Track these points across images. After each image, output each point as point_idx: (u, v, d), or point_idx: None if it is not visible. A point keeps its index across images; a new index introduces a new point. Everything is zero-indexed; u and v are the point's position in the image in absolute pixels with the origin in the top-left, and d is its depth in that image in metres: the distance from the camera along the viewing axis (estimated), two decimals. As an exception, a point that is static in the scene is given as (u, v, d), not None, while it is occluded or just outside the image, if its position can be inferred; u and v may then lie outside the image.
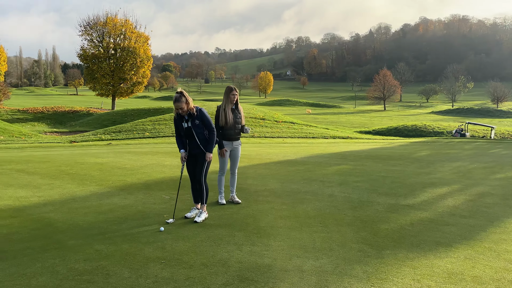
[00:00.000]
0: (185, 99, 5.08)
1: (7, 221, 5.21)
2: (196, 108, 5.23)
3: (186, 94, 5.12)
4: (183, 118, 5.24)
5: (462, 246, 4.65)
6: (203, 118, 5.25)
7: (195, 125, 5.23)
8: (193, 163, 5.45)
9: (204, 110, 5.34)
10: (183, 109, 5.10)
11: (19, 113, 34.09)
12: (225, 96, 6.14)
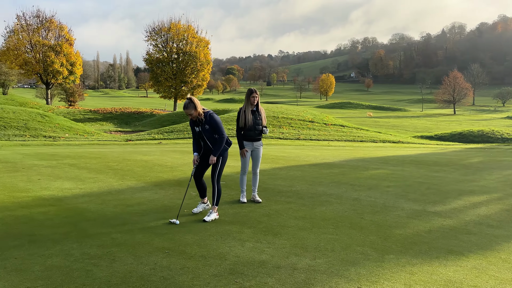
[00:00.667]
0: (193, 105, 5.31)
1: (46, 208, 5.83)
2: (206, 113, 5.45)
3: (195, 101, 5.35)
4: (196, 123, 5.50)
5: (475, 255, 4.45)
6: (212, 122, 5.43)
7: (205, 130, 5.46)
8: (202, 164, 5.68)
9: (214, 115, 5.51)
10: (192, 114, 5.36)
11: (90, 113, 36.85)
12: (246, 98, 6.35)
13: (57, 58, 45.68)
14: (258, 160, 6.56)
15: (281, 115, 21.07)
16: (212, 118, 5.42)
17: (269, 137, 17.45)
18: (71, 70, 47.67)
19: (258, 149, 6.50)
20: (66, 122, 19.37)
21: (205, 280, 3.61)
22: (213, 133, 5.47)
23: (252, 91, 6.32)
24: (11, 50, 45.22)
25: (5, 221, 5.17)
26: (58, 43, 46.62)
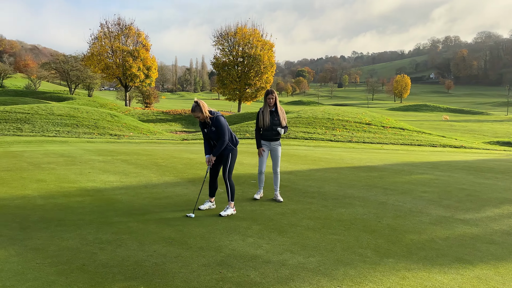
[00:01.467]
0: (199, 108, 5.54)
1: (83, 198, 6.46)
2: (213, 116, 5.66)
3: (201, 104, 5.57)
4: (204, 124, 5.75)
5: (485, 265, 4.18)
6: (217, 125, 5.62)
7: (211, 131, 5.69)
8: (215, 163, 5.91)
9: (220, 118, 5.69)
10: (200, 117, 5.60)
11: (162, 114, 39.03)
12: (264, 100, 6.50)
13: (135, 62, 49.02)
14: (277, 160, 6.67)
15: (336, 117, 20.73)
16: (217, 121, 5.63)
17: (319, 139, 17.29)
18: (147, 74, 50.85)
19: (276, 149, 6.62)
20: (133, 122, 20.88)
21: (192, 269, 3.83)
22: (216, 136, 5.68)
23: (268, 93, 6.46)
24: (94, 55, 49.41)
25: (45, 207, 5.84)
26: (136, 49, 50.02)
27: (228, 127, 5.86)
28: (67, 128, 17.35)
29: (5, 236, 4.51)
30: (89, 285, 3.40)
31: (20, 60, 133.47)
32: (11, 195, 6.45)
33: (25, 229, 4.80)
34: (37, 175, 8.09)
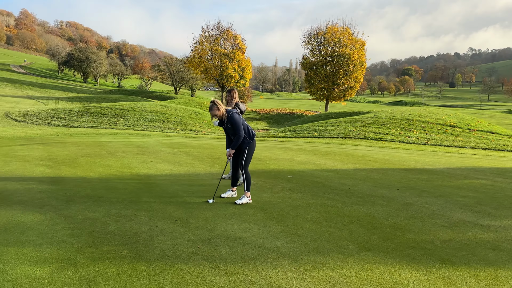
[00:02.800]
0: (216, 107, 6.05)
1: (131, 181, 7.44)
2: (228, 114, 6.14)
3: (217, 103, 6.07)
4: (222, 122, 6.27)
5: (466, 268, 4.06)
6: (231, 122, 6.08)
7: (228, 128, 6.18)
8: (235, 156, 6.39)
9: (235, 115, 6.11)
10: (217, 115, 6.12)
11: (252, 113, 40.61)
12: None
13: (231, 64, 51.63)
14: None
15: (417, 118, 19.56)
16: (232, 118, 6.10)
17: (391, 140, 16.56)
18: (241, 75, 53.22)
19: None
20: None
21: (176, 242, 4.40)
22: (232, 131, 6.15)
23: (227, 91, 7.13)
24: (196, 58, 53.19)
25: (95, 186, 6.92)
26: (232, 51, 52.64)
27: (244, 122, 6.31)
28: (154, 123, 19.34)
29: (50, 205, 5.57)
30: (87, 245, 4.17)
31: (139, 63, 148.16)
32: (76, 175, 7.71)
33: (69, 202, 5.84)
34: (107, 161, 9.43)
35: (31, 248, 4.02)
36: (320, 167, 9.93)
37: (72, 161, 9.25)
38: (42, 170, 8.03)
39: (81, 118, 19.85)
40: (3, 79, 58.78)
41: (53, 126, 18.10)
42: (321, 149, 13.81)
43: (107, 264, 3.72)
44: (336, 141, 16.36)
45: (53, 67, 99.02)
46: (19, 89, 51.66)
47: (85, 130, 16.84)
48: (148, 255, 3.99)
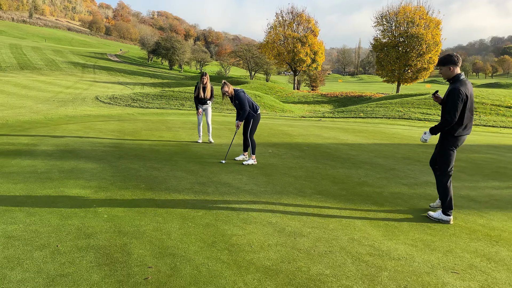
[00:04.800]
0: (226, 86, 7.61)
1: (173, 147, 9.33)
2: (235, 92, 7.65)
3: (227, 83, 7.63)
4: (231, 99, 7.81)
5: (395, 210, 5.22)
6: (237, 99, 7.59)
7: (235, 104, 7.70)
8: (244, 126, 7.90)
9: (240, 93, 7.61)
10: (227, 92, 7.66)
11: (320, 96, 41.28)
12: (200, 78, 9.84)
13: (303, 48, 52.44)
14: (208, 116, 10.32)
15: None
16: (237, 96, 7.61)
17: (435, 120, 16.68)
18: (313, 59, 53.78)
19: (206, 109, 10.28)
20: (272, 101, 23.86)
21: (180, 183, 6.11)
22: (239, 107, 7.67)
23: (202, 75, 9.80)
24: (269, 43, 54.84)
25: (143, 148, 8.93)
26: (305, 35, 53.33)
27: (249, 99, 7.81)
28: (216, 105, 21.49)
29: (106, 159, 7.64)
30: (119, 181, 6.05)
31: (222, 50, 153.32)
32: (134, 143, 9.84)
33: (120, 158, 7.87)
34: (162, 133, 11.53)
35: (83, 181, 6.01)
36: (341, 141, 11.06)
37: (136, 133, 11.50)
38: (110, 138, 10.32)
39: (155, 100, 22.69)
40: (100, 67, 66.08)
41: (131, 107, 21.11)
42: (356, 128, 14.72)
43: (126, 191, 5.55)
44: (378, 121, 17.00)
45: (144, 55, 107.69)
46: (112, 76, 57.94)
47: (156, 111, 19.51)
48: (156, 188, 5.76)
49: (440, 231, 4.45)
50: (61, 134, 10.62)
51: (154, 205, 4.98)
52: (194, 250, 3.70)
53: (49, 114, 15.54)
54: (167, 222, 4.38)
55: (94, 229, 4.12)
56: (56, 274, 3.16)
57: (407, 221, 4.73)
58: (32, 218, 4.34)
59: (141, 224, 4.29)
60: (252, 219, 4.61)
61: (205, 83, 10.03)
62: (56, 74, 52.57)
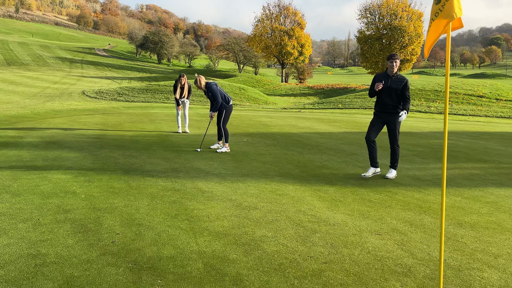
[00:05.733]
0: (199, 80, 8.15)
1: (152, 138, 9.88)
2: (207, 85, 8.19)
3: (199, 78, 8.16)
4: (205, 92, 8.36)
5: (337, 186, 5.84)
6: (210, 91, 8.14)
7: (209, 96, 8.25)
8: (217, 116, 8.47)
9: (212, 86, 8.16)
10: (200, 87, 8.20)
11: (307, 89, 41.93)
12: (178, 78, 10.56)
13: (290, 41, 52.96)
14: (186, 108, 11.06)
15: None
16: (210, 88, 8.16)
17: (412, 110, 17.45)
18: (301, 51, 54.35)
19: (185, 103, 10.99)
20: (256, 94, 24.44)
21: (155, 168, 6.67)
22: (213, 98, 8.22)
23: (180, 76, 10.56)
24: (256, 36, 55.27)
25: (124, 140, 9.45)
26: (292, 28, 53.83)
27: (221, 91, 8.37)
28: (200, 98, 22.00)
29: (87, 149, 8.16)
30: (98, 167, 6.60)
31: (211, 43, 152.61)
32: (116, 134, 10.35)
33: (101, 148, 8.40)
34: (144, 125, 12.05)
35: (65, 167, 6.55)
36: (313, 131, 11.69)
37: (118, 125, 12.00)
38: (93, 130, 10.81)
39: (141, 94, 23.12)
40: (87, 62, 65.95)
41: (117, 101, 21.53)
42: (331, 118, 15.37)
43: (104, 176, 6.10)
44: (355, 111, 17.69)
45: (132, 49, 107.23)
46: (100, 71, 57.95)
47: (141, 104, 19.97)
48: (132, 173, 6.32)
49: (379, 203, 5.09)
50: (46, 127, 11.10)
51: (128, 187, 5.55)
52: (158, 221, 4.28)
53: (36, 109, 15.95)
54: (137, 200, 4.96)
55: (72, 206, 4.68)
56: (37, 240, 3.73)
57: (353, 196, 5.36)
58: (17, 199, 4.89)
59: (114, 202, 4.86)
60: (215, 197, 5.20)
61: (183, 84, 10.69)
62: (44, 70, 52.48)
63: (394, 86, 6.18)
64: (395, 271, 3.29)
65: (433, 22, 2.00)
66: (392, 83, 6.20)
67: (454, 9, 1.88)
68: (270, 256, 3.49)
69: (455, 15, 1.89)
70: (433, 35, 2.04)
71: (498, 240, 3.98)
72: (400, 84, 6.18)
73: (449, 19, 1.90)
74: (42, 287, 2.91)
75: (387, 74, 6.31)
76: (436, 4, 1.97)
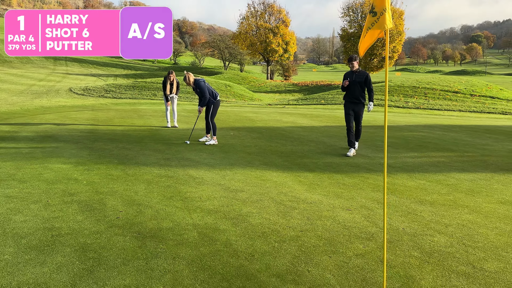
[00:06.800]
0: (187, 77, 8.67)
1: (142, 132, 10.34)
2: (195, 81, 8.71)
3: (187, 75, 8.68)
4: (193, 88, 8.88)
5: (315, 172, 6.44)
6: (198, 87, 8.67)
7: (197, 92, 8.78)
8: (206, 111, 9.00)
9: (200, 82, 8.68)
10: (188, 83, 8.72)
11: (292, 86, 42.62)
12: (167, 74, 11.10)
13: (274, 38, 53.55)
14: (174, 104, 11.59)
15: (424, 85, 20.83)
16: (198, 85, 8.69)
17: (390, 105, 18.26)
18: (285, 49, 54.99)
19: (173, 98, 11.46)
20: (241, 91, 25.00)
21: (148, 159, 7.17)
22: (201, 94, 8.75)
23: (169, 73, 11.00)
24: (242, 33, 55.69)
25: (116, 134, 9.91)
26: (276, 25, 54.41)
27: (209, 87, 8.91)
28: (187, 95, 22.45)
29: (82, 142, 8.61)
30: (95, 158, 7.07)
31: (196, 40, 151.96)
32: (107, 128, 10.79)
33: (95, 141, 8.86)
34: (134, 121, 12.49)
35: (64, 158, 7.01)
36: (296, 125, 12.31)
37: (109, 120, 12.42)
38: (85, 125, 11.22)
39: (128, 91, 23.43)
40: (71, 59, 65.46)
41: (105, 98, 21.82)
42: (314, 113, 16.05)
43: (101, 165, 6.59)
44: (337, 107, 18.42)
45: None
46: (84, 68, 57.67)
47: (129, 101, 20.33)
48: (127, 163, 6.81)
49: (352, 186, 5.71)
50: (39, 122, 11.47)
51: (125, 174, 6.05)
52: (155, 201, 4.82)
53: (25, 106, 16.21)
54: (135, 185, 5.47)
55: (76, 190, 5.17)
56: (49, 217, 4.23)
57: (329, 181, 5.97)
58: (24, 185, 5.36)
59: (114, 186, 5.37)
60: (205, 182, 5.75)
61: (172, 80, 11.19)
62: (28, 67, 52.01)
63: (358, 79, 7.81)
64: (360, 236, 3.90)
65: (369, 31, 2.60)
66: (356, 77, 7.84)
67: (386, 22, 2.48)
68: (254, 227, 4.07)
69: (386, 26, 2.49)
70: (369, 40, 2.65)
71: (452, 214, 4.63)
72: (362, 77, 7.81)
73: (381, 29, 2.51)
74: (61, 251, 3.43)
75: (352, 71, 7.91)
76: (372, 16, 2.58)
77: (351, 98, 7.87)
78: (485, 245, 3.76)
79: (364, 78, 7.80)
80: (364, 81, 7.78)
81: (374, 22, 2.55)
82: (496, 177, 6.32)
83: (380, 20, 2.52)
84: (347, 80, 7.81)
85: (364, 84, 7.80)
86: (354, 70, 7.85)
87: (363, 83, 7.79)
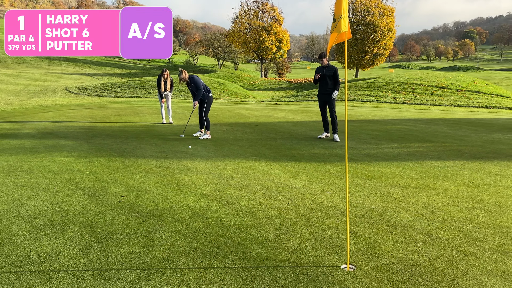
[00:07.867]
0: (183, 74, 9.16)
1: (139, 128, 10.80)
2: (189, 77, 9.20)
3: (183, 71, 9.17)
4: (187, 84, 9.36)
5: (302, 163, 6.94)
6: (193, 82, 9.16)
7: (192, 87, 9.27)
8: (199, 106, 9.48)
9: (194, 77, 9.18)
10: (184, 79, 9.20)
11: (285, 83, 43.10)
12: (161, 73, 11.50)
13: (268, 36, 54.02)
14: (168, 101, 12.06)
15: (412, 81, 21.45)
16: (193, 79, 9.18)
17: (375, 101, 18.82)
18: (279, 47, 55.49)
19: (167, 95, 11.89)
20: (235, 89, 25.48)
21: (145, 152, 7.65)
22: (195, 89, 9.24)
23: (163, 71, 11.51)
24: (235, 32, 56.09)
25: (114, 130, 10.36)
26: (270, 23, 54.86)
27: (202, 82, 9.39)
28: (181, 93, 22.90)
29: (81, 138, 9.07)
30: (95, 151, 7.53)
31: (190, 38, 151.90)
32: (105, 125, 11.24)
33: (94, 137, 9.31)
34: (130, 118, 12.94)
35: (66, 152, 7.47)
36: (287, 120, 12.82)
37: (106, 118, 12.86)
38: (83, 122, 11.66)
39: (123, 90, 23.84)
40: (66, 59, 65.56)
41: (100, 97, 22.22)
42: (305, 109, 16.55)
43: (101, 158, 7.06)
44: (328, 102, 19.06)
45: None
46: (79, 67, 57.87)
47: (124, 99, 20.75)
48: (125, 156, 7.29)
49: (333, 173, 6.22)
50: (38, 120, 11.89)
51: (124, 165, 6.53)
52: (153, 187, 5.30)
53: (23, 105, 16.60)
54: (134, 174, 5.95)
55: (80, 179, 5.65)
56: (58, 201, 4.70)
57: (313, 169, 6.47)
58: (32, 175, 5.82)
59: (114, 176, 5.85)
60: (199, 171, 6.23)
61: (166, 78, 11.65)
62: (22, 67, 52.14)
63: (327, 73, 8.89)
64: (335, 213, 4.41)
65: (331, 34, 3.12)
66: (326, 71, 8.91)
67: (341, 27, 2.98)
68: (243, 207, 4.57)
69: (341, 30, 3.00)
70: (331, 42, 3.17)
71: (420, 195, 5.15)
72: (331, 71, 8.88)
73: (338, 33, 3.01)
74: (72, 228, 3.91)
75: (322, 66, 8.97)
76: (333, 22, 3.09)
77: (323, 90, 9.01)
78: (445, 219, 4.28)
79: (333, 72, 8.88)
80: (333, 75, 8.85)
81: (334, 27, 3.06)
82: (467, 164, 6.85)
83: (338, 25, 3.02)
84: (318, 74, 8.91)
85: (333, 77, 8.86)
86: (324, 65, 8.91)
87: (332, 76, 8.85)
